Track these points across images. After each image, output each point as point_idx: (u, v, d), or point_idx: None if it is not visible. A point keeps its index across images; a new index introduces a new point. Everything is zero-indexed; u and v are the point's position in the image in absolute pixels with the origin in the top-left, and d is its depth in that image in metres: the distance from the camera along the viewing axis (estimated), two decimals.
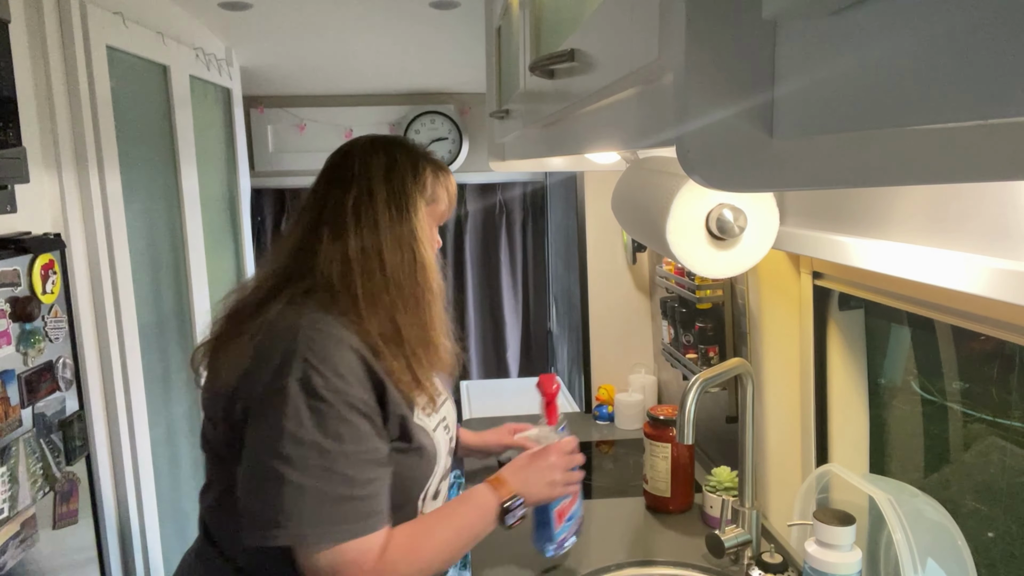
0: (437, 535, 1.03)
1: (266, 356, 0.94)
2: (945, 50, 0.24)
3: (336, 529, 0.91)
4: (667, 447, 1.50)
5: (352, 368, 0.95)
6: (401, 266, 1.03)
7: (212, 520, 1.07)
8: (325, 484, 0.90)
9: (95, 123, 1.61)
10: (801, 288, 1.28)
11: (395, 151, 1.10)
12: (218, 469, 1.04)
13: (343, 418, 0.92)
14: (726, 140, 0.37)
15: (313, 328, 0.95)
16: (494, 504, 1.09)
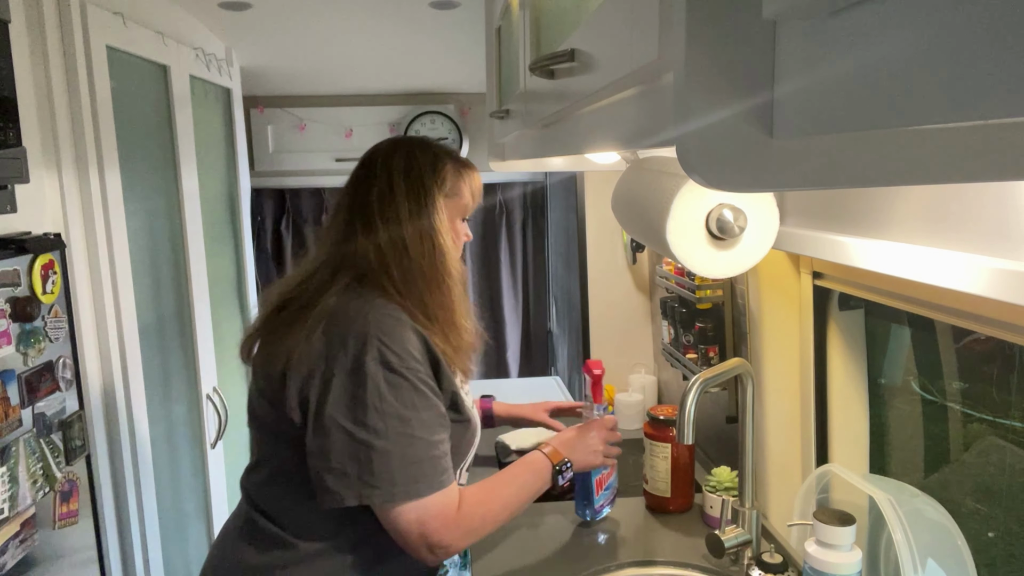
0: (503, 490, 1.18)
1: (341, 339, 1.05)
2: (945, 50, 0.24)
3: (419, 486, 1.05)
4: (667, 447, 1.50)
5: (415, 346, 1.08)
6: (423, 255, 1.14)
7: (262, 494, 1.16)
8: (407, 448, 1.04)
9: (95, 123, 1.61)
10: (801, 288, 1.28)
11: (414, 150, 1.21)
12: (275, 447, 1.14)
13: (416, 389, 1.06)
14: (726, 140, 0.37)
15: (380, 312, 1.07)
16: (548, 466, 1.24)
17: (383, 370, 1.04)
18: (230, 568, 1.15)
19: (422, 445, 1.05)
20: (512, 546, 1.41)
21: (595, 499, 1.47)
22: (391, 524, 1.06)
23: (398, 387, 1.04)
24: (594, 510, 1.48)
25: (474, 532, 1.11)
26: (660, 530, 1.47)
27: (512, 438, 1.96)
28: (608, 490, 1.50)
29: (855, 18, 0.30)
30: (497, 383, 2.97)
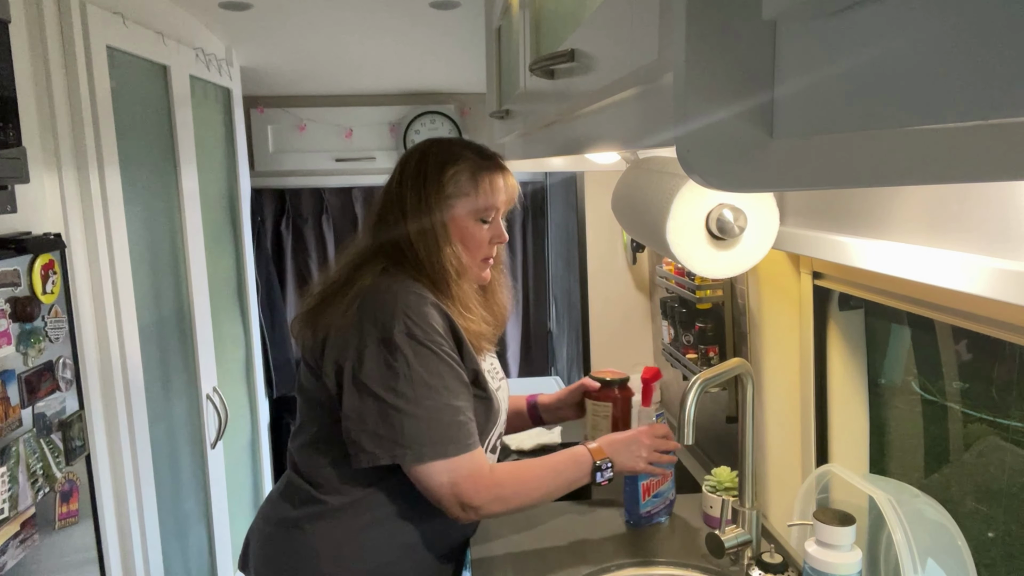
0: (538, 469, 1.23)
1: (373, 314, 1.14)
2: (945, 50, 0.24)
3: (448, 447, 1.13)
4: (608, 406, 1.52)
5: (440, 323, 1.16)
6: (428, 250, 1.21)
7: (302, 456, 1.27)
8: (435, 412, 1.13)
9: (95, 123, 1.61)
10: (801, 288, 1.28)
11: (430, 149, 1.27)
12: (314, 413, 1.25)
13: (442, 359, 1.15)
14: (726, 140, 0.37)
15: (408, 292, 1.16)
16: (589, 460, 1.26)
17: (410, 341, 1.13)
18: (267, 523, 1.28)
19: (449, 410, 1.14)
20: (513, 546, 1.41)
21: (640, 504, 1.45)
22: (423, 483, 1.15)
23: (424, 357, 1.13)
24: (639, 515, 1.45)
25: (505, 500, 1.18)
26: (660, 529, 1.47)
27: (512, 438, 1.96)
28: (658, 498, 1.47)
29: (855, 18, 0.30)
30: None
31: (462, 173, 1.24)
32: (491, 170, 1.26)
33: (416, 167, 1.25)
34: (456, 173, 1.23)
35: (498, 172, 1.28)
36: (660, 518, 1.49)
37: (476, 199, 1.24)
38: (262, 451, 2.87)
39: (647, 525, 1.47)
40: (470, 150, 1.27)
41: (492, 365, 1.37)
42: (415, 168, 1.25)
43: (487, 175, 1.26)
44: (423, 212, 1.22)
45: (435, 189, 1.23)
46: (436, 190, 1.23)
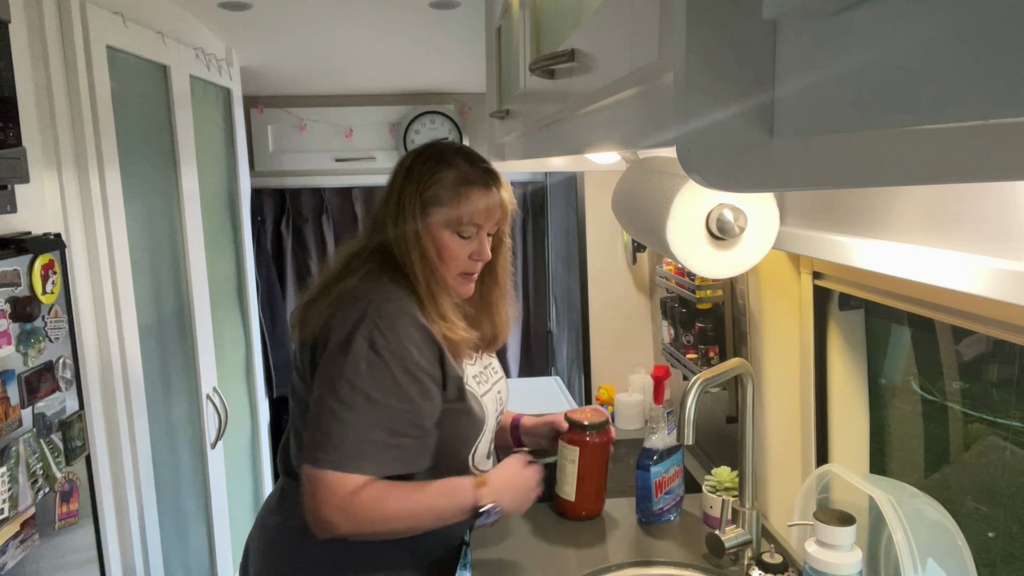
0: (407, 501, 1.14)
1: (343, 316, 1.13)
2: (945, 50, 0.24)
3: (362, 463, 1.09)
4: (575, 450, 1.44)
5: (413, 336, 1.12)
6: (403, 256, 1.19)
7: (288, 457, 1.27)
8: (364, 425, 1.09)
9: (95, 123, 1.61)
10: (801, 288, 1.28)
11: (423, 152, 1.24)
12: (296, 412, 1.24)
13: (395, 378, 1.10)
14: (726, 140, 0.37)
15: (385, 298, 1.14)
16: (471, 503, 1.18)
17: (368, 350, 1.09)
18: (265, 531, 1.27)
19: (380, 429, 1.10)
20: (512, 545, 1.41)
21: (653, 501, 1.45)
22: (305, 483, 1.11)
23: (376, 369, 1.10)
24: (652, 512, 1.46)
25: (361, 523, 1.10)
26: (660, 529, 1.47)
27: None
28: (670, 495, 1.48)
29: (855, 18, 0.30)
30: None
31: (443, 181, 1.19)
32: (476, 183, 1.21)
33: (406, 170, 1.23)
34: (438, 180, 1.19)
35: (483, 186, 1.21)
36: (671, 515, 1.49)
37: (451, 210, 1.19)
38: (262, 451, 2.87)
39: (658, 522, 1.48)
40: (462, 157, 1.22)
41: (485, 369, 1.33)
42: (405, 171, 1.23)
43: (470, 188, 1.20)
44: (402, 217, 1.19)
45: (415, 194, 1.19)
46: (415, 195, 1.19)
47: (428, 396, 1.15)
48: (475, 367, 1.28)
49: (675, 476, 1.49)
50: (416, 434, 1.14)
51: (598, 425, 1.45)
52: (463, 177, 1.20)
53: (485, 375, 1.32)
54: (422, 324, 1.14)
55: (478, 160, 1.24)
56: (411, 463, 1.15)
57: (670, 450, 1.47)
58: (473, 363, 1.28)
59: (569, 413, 1.49)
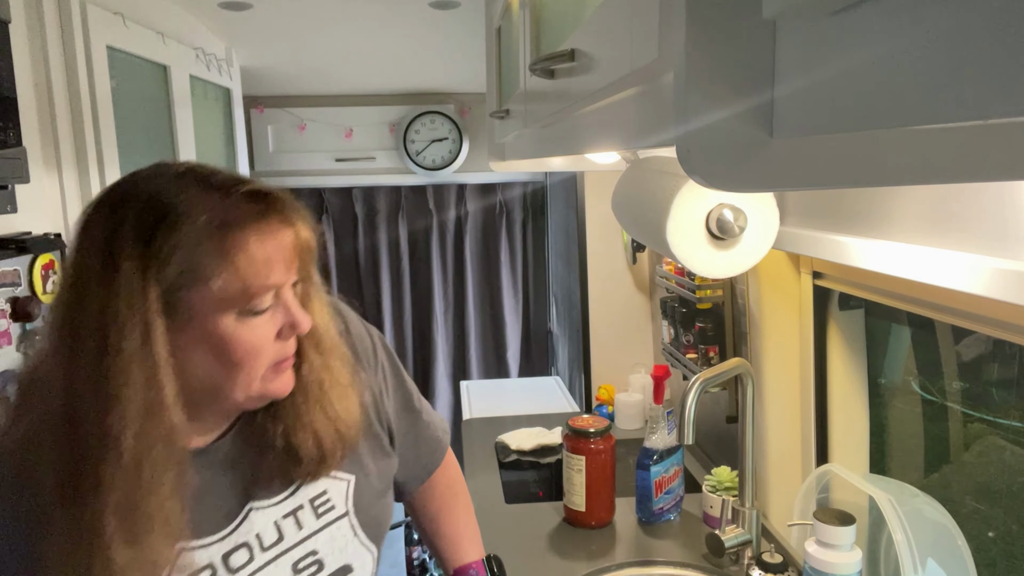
0: None
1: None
2: (945, 50, 0.24)
3: None
4: (582, 459, 1.44)
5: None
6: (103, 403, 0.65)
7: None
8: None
9: (95, 123, 1.61)
10: (801, 288, 1.28)
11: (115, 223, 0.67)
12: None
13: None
14: (726, 140, 0.37)
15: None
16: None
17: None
18: None
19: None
20: (512, 545, 1.41)
21: (653, 501, 1.45)
22: None
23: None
24: (652, 512, 1.46)
25: None
26: (660, 529, 1.47)
27: (512, 438, 1.96)
28: (670, 494, 1.48)
29: (855, 18, 0.30)
30: (497, 383, 2.97)
31: (190, 238, 0.66)
32: (248, 222, 0.68)
33: (101, 243, 0.66)
34: (177, 242, 0.66)
35: (264, 221, 0.69)
36: (671, 515, 1.49)
37: (222, 281, 0.67)
38: None
39: (658, 522, 1.48)
40: (203, 187, 0.69)
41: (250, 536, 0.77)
42: (97, 247, 0.66)
43: (240, 234, 0.68)
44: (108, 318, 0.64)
45: (136, 282, 0.65)
46: (138, 283, 0.65)
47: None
48: (222, 543, 0.75)
49: (675, 476, 1.49)
50: None
51: (602, 432, 1.45)
52: (221, 220, 0.67)
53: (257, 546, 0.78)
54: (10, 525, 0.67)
55: (231, 182, 0.70)
56: None
57: (670, 450, 1.48)
58: (225, 535, 0.76)
59: (571, 422, 1.49)
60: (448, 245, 3.62)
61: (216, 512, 0.75)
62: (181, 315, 0.67)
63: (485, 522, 1.46)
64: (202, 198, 0.67)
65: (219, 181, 0.70)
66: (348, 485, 0.85)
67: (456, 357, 3.73)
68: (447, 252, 3.63)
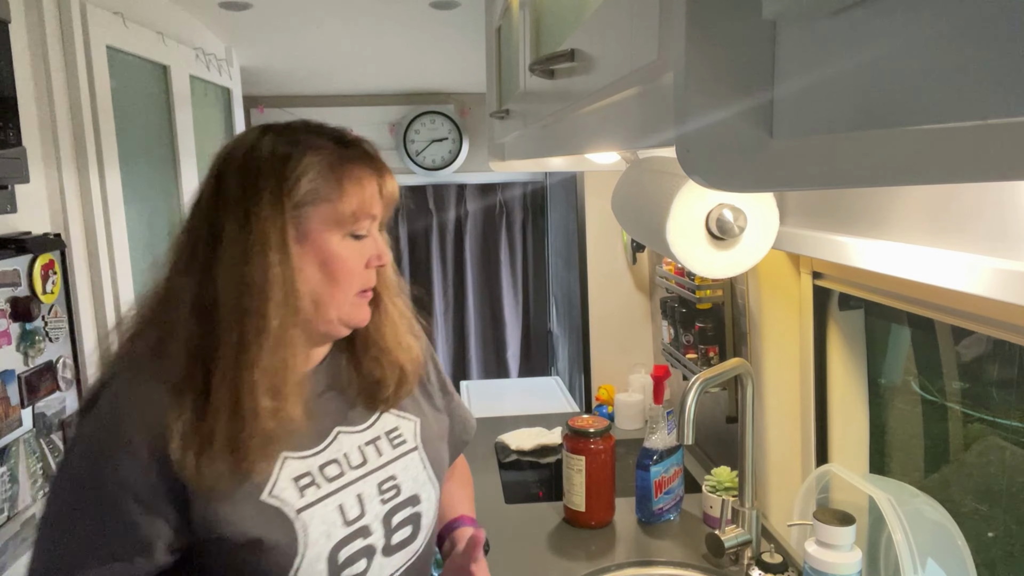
0: None
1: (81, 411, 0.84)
2: (945, 50, 0.24)
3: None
4: (581, 459, 1.45)
5: (132, 444, 0.76)
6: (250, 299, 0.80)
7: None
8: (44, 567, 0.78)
9: (95, 123, 1.61)
10: (801, 288, 1.28)
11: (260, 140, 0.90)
12: None
13: (80, 505, 0.77)
14: (726, 140, 0.37)
15: (109, 385, 0.81)
16: None
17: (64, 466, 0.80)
18: None
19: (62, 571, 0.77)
20: (512, 545, 1.41)
21: (653, 501, 1.46)
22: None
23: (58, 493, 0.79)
24: (652, 512, 1.47)
25: None
26: (660, 529, 1.47)
27: (512, 438, 1.96)
28: (669, 494, 1.48)
29: (855, 18, 0.30)
30: (497, 383, 2.97)
31: (315, 167, 0.83)
32: (358, 161, 0.86)
33: (243, 164, 0.84)
34: (307, 167, 0.83)
35: (369, 164, 0.87)
36: (671, 515, 1.50)
37: (339, 203, 0.83)
38: None
39: (658, 522, 1.48)
40: (323, 135, 0.88)
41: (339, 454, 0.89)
42: (241, 166, 0.84)
43: (354, 168, 0.85)
44: (251, 232, 0.80)
45: (274, 194, 0.81)
46: (275, 196, 0.81)
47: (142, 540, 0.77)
48: (316, 457, 0.86)
49: (675, 476, 1.49)
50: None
51: (602, 432, 1.45)
52: (339, 157, 0.85)
53: (346, 463, 0.89)
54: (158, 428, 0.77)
55: (343, 133, 0.90)
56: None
57: (670, 450, 1.48)
58: (315, 451, 0.87)
59: (571, 422, 1.49)
60: (448, 245, 3.62)
61: (312, 431, 0.86)
62: (302, 231, 0.82)
63: (485, 522, 1.46)
64: (322, 140, 0.86)
65: (331, 130, 0.90)
66: (415, 424, 0.98)
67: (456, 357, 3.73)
68: (447, 252, 3.63)
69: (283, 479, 0.83)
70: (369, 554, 0.87)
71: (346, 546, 0.85)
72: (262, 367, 0.78)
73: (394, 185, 0.90)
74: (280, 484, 0.82)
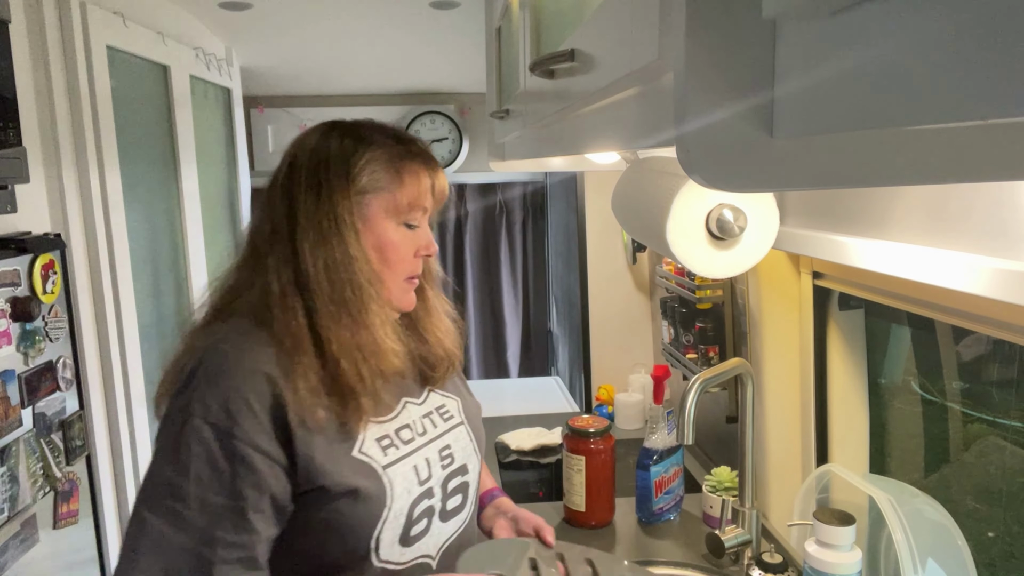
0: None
1: (177, 380, 0.86)
2: (944, 50, 0.24)
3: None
4: (581, 459, 1.45)
5: (248, 401, 0.82)
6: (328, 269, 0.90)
7: None
8: (171, 529, 0.79)
9: (95, 123, 1.61)
10: (801, 288, 1.28)
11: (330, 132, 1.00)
12: None
13: (211, 459, 0.80)
14: (726, 140, 0.37)
15: (218, 348, 0.85)
16: None
17: (178, 423, 0.82)
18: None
19: (191, 533, 0.79)
20: None
21: (653, 501, 1.45)
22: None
23: (186, 449, 0.80)
24: (652, 512, 1.47)
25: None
26: (660, 530, 1.47)
27: (512, 438, 1.96)
28: (669, 494, 1.48)
29: (855, 18, 0.30)
30: (497, 383, 2.97)
31: (377, 160, 0.93)
32: (415, 158, 0.95)
33: (313, 155, 0.95)
34: (369, 160, 0.93)
35: (424, 161, 0.96)
36: (671, 515, 1.49)
37: (396, 194, 0.93)
38: None
39: (658, 522, 1.48)
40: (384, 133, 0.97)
41: (426, 417, 1.00)
42: (312, 157, 0.95)
43: (410, 163, 0.95)
44: (324, 214, 0.90)
45: (341, 182, 0.91)
46: (343, 183, 0.91)
47: (262, 486, 0.82)
48: (391, 423, 0.95)
49: (675, 476, 1.49)
50: (249, 541, 0.82)
51: (602, 432, 1.45)
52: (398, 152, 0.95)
53: (414, 429, 0.97)
54: (270, 382, 0.83)
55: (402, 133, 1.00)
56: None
57: (670, 450, 1.48)
58: (391, 417, 0.95)
59: (571, 422, 1.49)
60: (448, 245, 3.62)
61: (386, 399, 0.94)
62: (362, 216, 0.92)
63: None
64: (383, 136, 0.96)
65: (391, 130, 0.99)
66: (458, 403, 1.08)
67: None
68: (447, 252, 3.63)
69: (368, 439, 0.91)
70: (430, 515, 0.95)
71: (418, 504, 0.93)
72: (353, 334, 0.88)
73: (445, 182, 1.00)
74: (367, 443, 0.90)
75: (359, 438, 0.90)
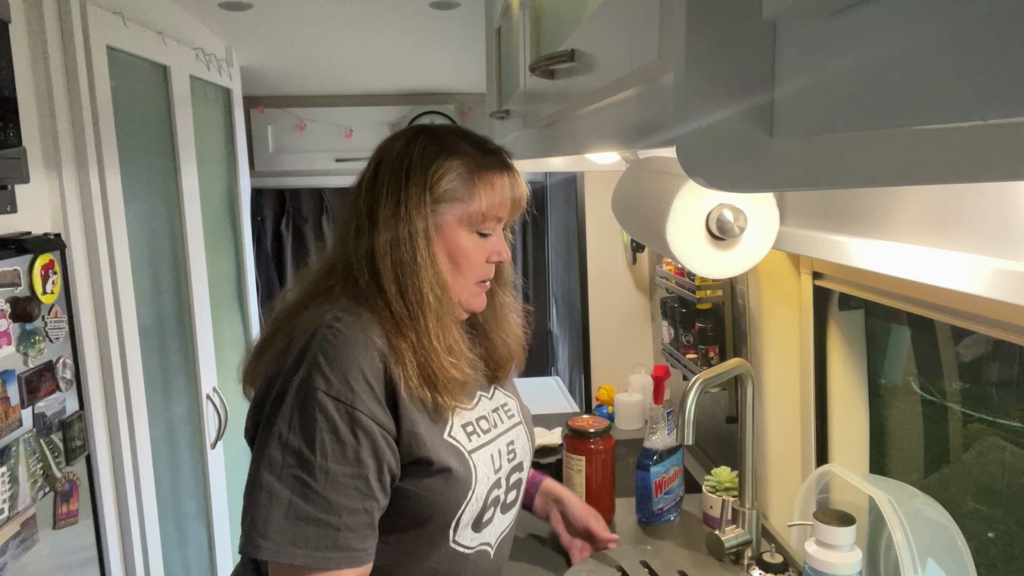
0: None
1: (286, 357, 0.89)
2: (945, 50, 0.24)
3: (297, 551, 0.84)
4: (582, 460, 1.45)
5: (364, 374, 0.87)
6: (401, 270, 0.95)
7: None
8: (299, 498, 0.84)
9: (95, 123, 1.61)
10: (801, 288, 1.28)
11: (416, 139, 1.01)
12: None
13: (336, 430, 0.85)
14: (726, 140, 0.37)
15: (332, 326, 0.89)
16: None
17: (301, 395, 0.86)
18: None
19: (317, 503, 0.84)
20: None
21: (653, 501, 1.45)
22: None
23: (311, 420, 0.85)
24: (652, 512, 1.46)
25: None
26: (659, 530, 1.47)
27: None
28: (669, 495, 1.48)
29: (855, 18, 0.30)
30: None
31: (455, 170, 0.96)
32: (493, 169, 0.98)
33: (397, 160, 0.98)
34: (448, 170, 0.96)
35: (502, 172, 0.99)
36: (671, 515, 1.49)
37: (471, 204, 0.96)
38: None
39: (658, 522, 1.48)
40: (468, 142, 1.00)
41: (494, 412, 1.07)
42: (395, 161, 0.98)
43: (488, 175, 0.98)
44: (400, 219, 0.94)
45: (419, 189, 0.95)
46: (420, 191, 0.95)
47: (380, 455, 0.88)
48: (472, 412, 1.02)
49: (675, 476, 1.49)
50: (371, 506, 0.88)
51: (601, 432, 1.46)
52: (478, 163, 0.98)
53: (489, 422, 1.04)
54: (382, 357, 0.89)
55: (484, 140, 1.03)
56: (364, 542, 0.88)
57: (670, 450, 1.48)
58: (472, 407, 1.02)
59: (571, 422, 1.49)
60: None
61: (467, 390, 1.00)
62: (437, 223, 0.96)
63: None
64: (465, 146, 0.98)
65: (475, 138, 1.02)
66: (516, 402, 1.13)
67: None
68: None
69: (456, 425, 0.97)
70: (496, 504, 1.01)
71: (493, 492, 0.99)
72: (436, 331, 0.94)
73: (523, 191, 1.03)
74: (455, 429, 0.97)
75: (448, 423, 0.96)
